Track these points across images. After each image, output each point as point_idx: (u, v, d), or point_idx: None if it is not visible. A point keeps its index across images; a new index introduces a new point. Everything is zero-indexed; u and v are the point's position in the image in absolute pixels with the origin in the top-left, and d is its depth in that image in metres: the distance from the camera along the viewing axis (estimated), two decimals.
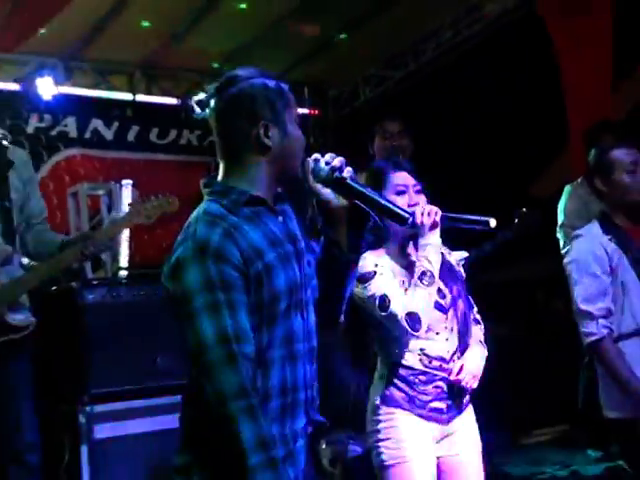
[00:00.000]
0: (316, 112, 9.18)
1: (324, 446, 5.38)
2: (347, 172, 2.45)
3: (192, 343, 2.22)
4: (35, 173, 4.66)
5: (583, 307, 3.91)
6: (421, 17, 7.63)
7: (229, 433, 2.16)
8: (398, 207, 2.49)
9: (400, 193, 3.38)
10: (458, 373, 3.36)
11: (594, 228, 4.04)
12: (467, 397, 3.46)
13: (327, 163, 2.46)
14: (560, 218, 5.63)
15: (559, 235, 5.60)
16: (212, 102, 2.44)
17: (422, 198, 3.40)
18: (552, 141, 6.70)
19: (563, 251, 5.53)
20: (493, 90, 7.13)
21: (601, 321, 3.88)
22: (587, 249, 3.99)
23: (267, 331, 2.31)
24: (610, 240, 3.94)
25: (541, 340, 4.15)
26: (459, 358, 3.41)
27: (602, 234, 3.98)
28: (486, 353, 3.53)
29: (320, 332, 2.54)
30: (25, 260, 4.37)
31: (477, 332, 3.55)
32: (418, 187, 3.41)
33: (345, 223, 2.52)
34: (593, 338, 3.87)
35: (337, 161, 2.45)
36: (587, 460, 5.56)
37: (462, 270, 3.60)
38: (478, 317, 3.61)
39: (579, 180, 5.71)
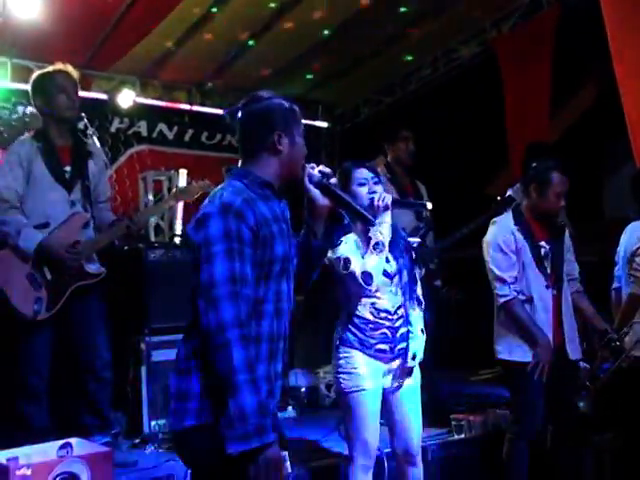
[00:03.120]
0: (326, 125, 9.15)
1: (322, 374, 5.40)
2: (333, 180, 2.46)
3: (205, 279, 2.17)
4: (106, 163, 4.65)
5: (498, 274, 3.94)
6: (408, 57, 7.61)
7: (224, 354, 2.11)
8: (365, 211, 2.52)
9: (361, 185, 3.41)
10: (413, 358, 3.41)
11: (507, 218, 4.07)
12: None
13: (320, 171, 2.45)
14: None
15: None
16: (239, 113, 2.44)
17: (379, 188, 3.42)
18: (502, 155, 6.68)
19: None
20: (460, 115, 7.11)
21: (512, 286, 3.92)
22: (499, 233, 4.02)
23: (264, 285, 2.28)
24: (518, 230, 3.98)
25: (487, 302, 4.17)
26: (401, 311, 3.42)
27: (512, 224, 4.01)
28: (424, 337, 3.50)
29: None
30: None
31: (418, 319, 3.51)
32: (376, 179, 3.44)
33: (324, 219, 2.50)
34: (506, 298, 3.93)
35: (327, 170, 2.46)
36: None
37: (412, 251, 3.57)
38: (420, 297, 3.55)
39: (517, 185, 5.71)
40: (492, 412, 4.85)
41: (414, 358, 3.40)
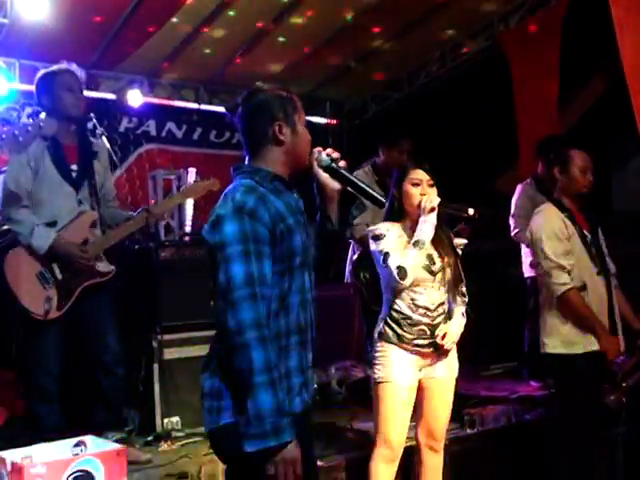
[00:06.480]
0: (334, 122, 9.14)
1: (333, 371, 5.40)
2: (342, 163, 2.48)
3: (223, 281, 2.18)
4: (115, 163, 4.64)
5: (557, 262, 3.77)
6: (416, 52, 7.62)
7: (243, 355, 2.13)
8: (376, 192, 2.49)
9: (415, 185, 3.45)
10: (442, 337, 3.40)
11: (551, 207, 3.95)
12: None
13: (328, 155, 2.48)
14: (512, 209, 5.66)
15: (510, 221, 5.63)
16: (240, 108, 2.47)
17: (433, 190, 3.45)
18: (511, 150, 6.67)
19: (512, 233, 5.57)
20: (468, 109, 7.10)
21: (571, 274, 3.78)
22: (551, 220, 3.89)
23: (288, 279, 2.29)
24: (567, 217, 3.87)
25: (498, 297, 4.17)
26: (442, 309, 3.45)
27: (560, 211, 3.90)
28: (464, 321, 3.52)
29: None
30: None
31: (461, 304, 3.54)
32: (431, 182, 3.46)
33: (337, 202, 2.52)
34: (566, 287, 3.76)
35: (335, 154, 2.49)
36: (530, 388, 5.58)
37: (459, 251, 3.58)
38: (464, 291, 3.56)
39: (528, 181, 5.73)
40: (503, 406, 4.86)
41: (444, 337, 3.40)
